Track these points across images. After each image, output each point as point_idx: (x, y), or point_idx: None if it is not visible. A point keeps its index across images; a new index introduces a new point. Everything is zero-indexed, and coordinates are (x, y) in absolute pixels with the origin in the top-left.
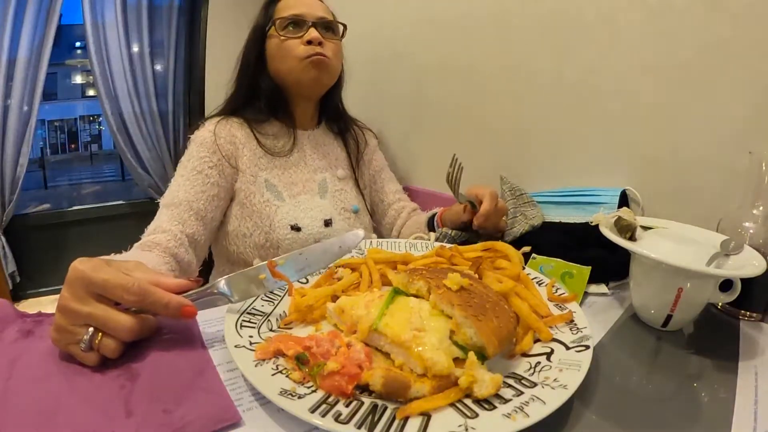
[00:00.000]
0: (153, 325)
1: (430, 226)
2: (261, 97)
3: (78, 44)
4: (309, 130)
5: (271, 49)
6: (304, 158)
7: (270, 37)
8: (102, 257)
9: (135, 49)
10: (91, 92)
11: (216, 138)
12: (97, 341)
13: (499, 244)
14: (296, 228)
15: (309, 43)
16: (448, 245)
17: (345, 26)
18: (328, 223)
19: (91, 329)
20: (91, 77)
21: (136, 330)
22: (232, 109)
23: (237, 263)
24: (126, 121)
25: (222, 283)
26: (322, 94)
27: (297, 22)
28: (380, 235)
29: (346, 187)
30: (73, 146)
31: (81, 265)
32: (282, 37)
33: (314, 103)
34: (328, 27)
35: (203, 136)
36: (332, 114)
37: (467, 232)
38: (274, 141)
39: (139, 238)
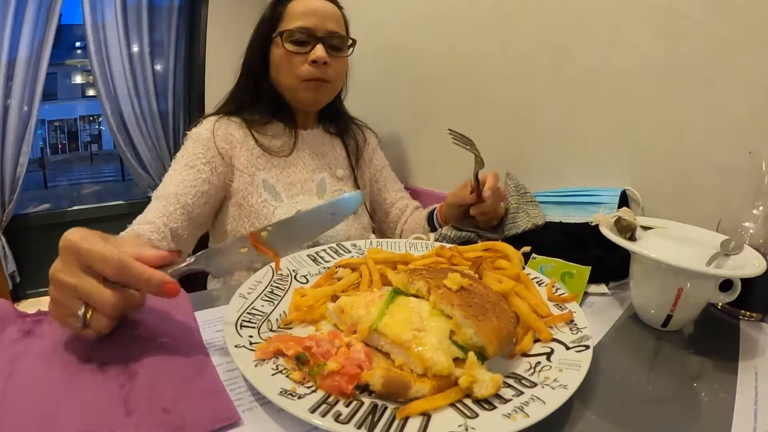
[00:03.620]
0: (138, 302)
1: (430, 221)
2: (263, 100)
3: (78, 44)
4: (308, 130)
5: (275, 58)
6: (302, 158)
7: (276, 44)
8: (100, 232)
9: (135, 49)
10: (91, 92)
11: (213, 135)
12: (88, 316)
13: (499, 244)
14: None
15: (314, 62)
16: (448, 245)
17: (354, 41)
18: None
19: (84, 305)
20: (91, 77)
21: (117, 305)
22: (233, 109)
23: None
24: (126, 121)
25: (202, 259)
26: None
27: (304, 38)
28: (382, 234)
29: (344, 188)
30: (73, 146)
31: (72, 235)
32: (287, 50)
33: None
34: (336, 46)
35: (200, 132)
36: (331, 115)
37: (465, 227)
38: (273, 141)
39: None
